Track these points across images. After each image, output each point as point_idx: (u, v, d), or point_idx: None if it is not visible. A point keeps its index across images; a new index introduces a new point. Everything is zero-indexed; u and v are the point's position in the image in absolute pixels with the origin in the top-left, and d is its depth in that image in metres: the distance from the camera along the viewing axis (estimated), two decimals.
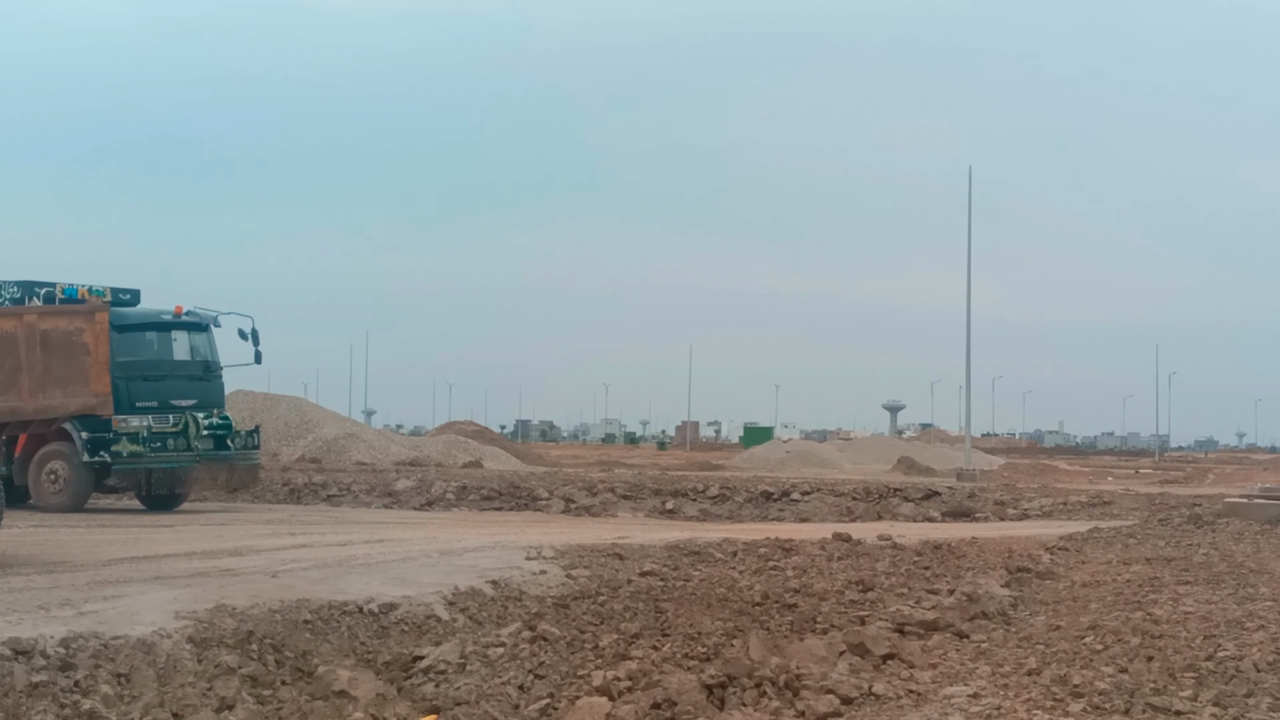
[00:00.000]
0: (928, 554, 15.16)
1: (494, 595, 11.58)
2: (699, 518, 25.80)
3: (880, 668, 9.32)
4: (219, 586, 10.88)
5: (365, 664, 9.71)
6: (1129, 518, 22.48)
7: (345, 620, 10.40)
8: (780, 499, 27.79)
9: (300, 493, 27.68)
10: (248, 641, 9.44)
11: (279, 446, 42.20)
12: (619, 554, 13.71)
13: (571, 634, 10.13)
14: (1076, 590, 12.76)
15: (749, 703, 8.16)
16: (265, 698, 8.70)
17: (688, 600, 11.48)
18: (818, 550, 14.90)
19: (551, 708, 8.55)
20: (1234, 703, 7.72)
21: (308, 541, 15.54)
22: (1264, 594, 11.93)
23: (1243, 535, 17.36)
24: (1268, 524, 18.69)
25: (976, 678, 8.84)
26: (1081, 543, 17.03)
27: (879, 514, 26.16)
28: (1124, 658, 9.04)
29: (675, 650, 9.74)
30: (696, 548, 14.53)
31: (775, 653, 9.47)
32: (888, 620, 10.78)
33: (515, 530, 18.35)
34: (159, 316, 22.79)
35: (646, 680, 8.55)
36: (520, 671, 9.35)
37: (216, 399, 23.22)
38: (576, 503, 27.06)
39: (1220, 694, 7.92)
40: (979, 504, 27.15)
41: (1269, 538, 16.92)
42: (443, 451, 47.46)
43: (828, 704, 7.87)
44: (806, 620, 11.02)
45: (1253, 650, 8.95)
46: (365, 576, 11.93)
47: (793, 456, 61.78)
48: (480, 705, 8.53)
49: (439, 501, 27.02)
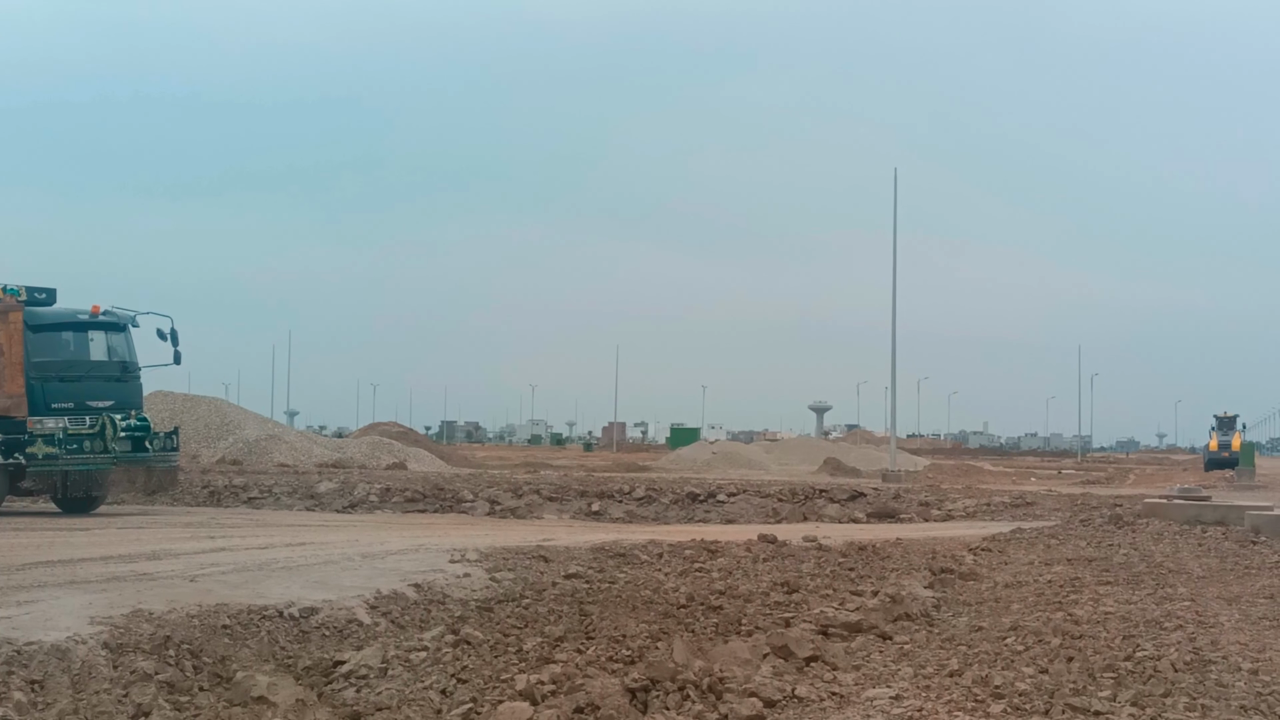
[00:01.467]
0: (852, 555, 15.24)
1: (417, 599, 11.47)
2: (625, 519, 25.79)
3: (804, 670, 9.33)
4: (136, 591, 10.69)
5: (285, 669, 9.57)
6: (1051, 518, 22.76)
7: (265, 625, 10.24)
8: (706, 500, 27.85)
9: (220, 495, 27.37)
10: (165, 647, 9.27)
11: (199, 448, 41.74)
12: (544, 556, 13.65)
13: (495, 637, 10.06)
14: (999, 591, 12.87)
15: (672, 706, 8.12)
16: (183, 704, 8.55)
17: (613, 603, 11.44)
18: (743, 552, 14.93)
19: (474, 712, 8.46)
20: (1151, 702, 7.80)
21: (227, 545, 15.32)
22: (1182, 594, 12.10)
23: (1162, 536, 17.62)
24: (1186, 524, 19.01)
25: (899, 679, 8.86)
26: (1004, 544, 17.20)
27: (804, 515, 26.29)
28: (1044, 658, 9.11)
29: (599, 653, 9.69)
30: (622, 550, 14.50)
31: (700, 655, 9.44)
32: (812, 622, 10.80)
33: (439, 533, 18.23)
34: (75, 316, 22.41)
35: (570, 684, 8.49)
36: (443, 676, 9.26)
37: (134, 400, 22.88)
38: (501, 505, 26.96)
39: (1138, 694, 7.99)
40: (904, 505, 27.37)
41: (1188, 538, 17.20)
42: (366, 453, 47.14)
43: (751, 707, 7.85)
44: (731, 622, 11.01)
45: (1170, 650, 9.06)
46: (286, 580, 11.77)
47: (719, 458, 62.02)
48: (402, 710, 8.43)
49: (362, 504, 26.82)
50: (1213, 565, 14.34)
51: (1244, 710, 7.63)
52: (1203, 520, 19.30)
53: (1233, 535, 17.36)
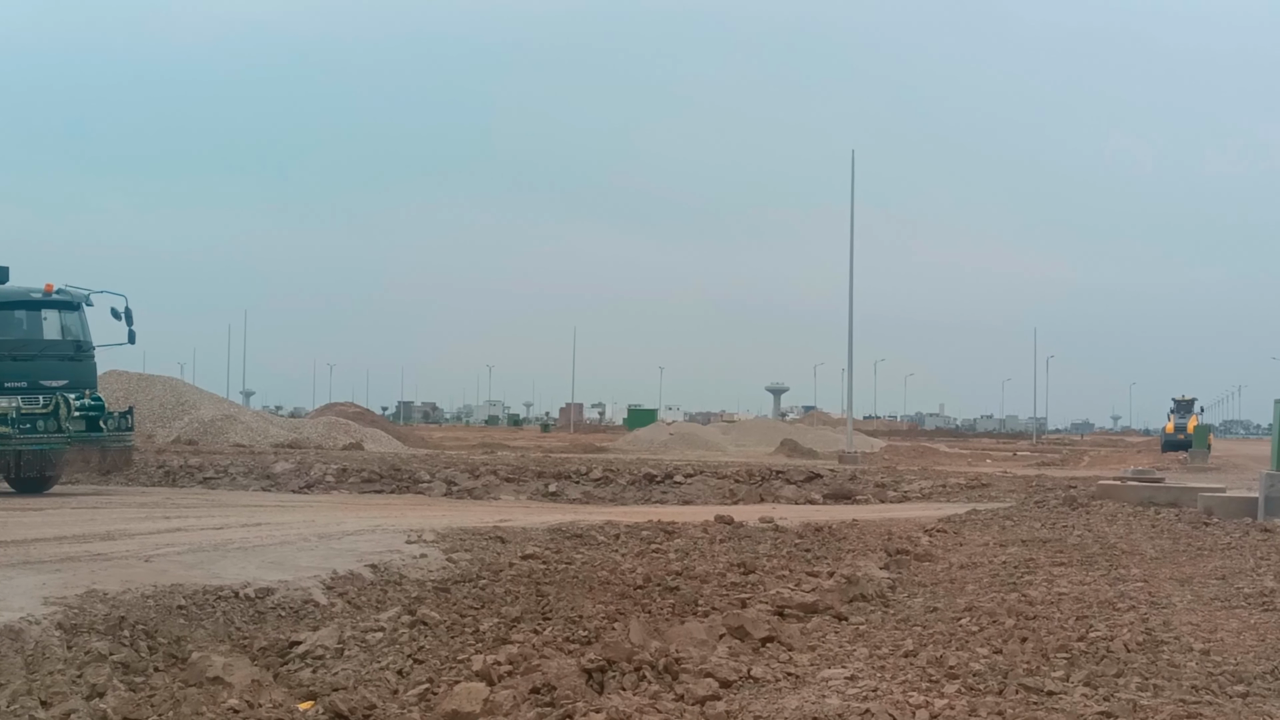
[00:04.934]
0: (809, 536, 15.31)
1: (373, 579, 11.44)
2: (582, 500, 25.82)
3: (759, 650, 9.35)
4: (90, 572, 10.62)
5: (241, 650, 9.52)
6: (1006, 500, 22.94)
7: (220, 605, 10.20)
8: (663, 481, 27.90)
9: (176, 475, 27.21)
10: (119, 628, 9.22)
11: (154, 428, 41.45)
12: (501, 537, 13.65)
13: (452, 618, 10.05)
14: (954, 572, 12.96)
15: (628, 687, 8.13)
16: (137, 685, 8.50)
17: (569, 583, 11.45)
18: (700, 533, 14.97)
19: (431, 692, 8.45)
20: (1104, 682, 7.87)
21: (183, 525, 15.25)
22: (1135, 575, 12.23)
23: (1116, 517, 17.79)
24: (1140, 506, 19.19)
25: (854, 660, 8.91)
26: (959, 525, 17.32)
27: (761, 496, 26.38)
28: (999, 639, 9.18)
29: (556, 634, 9.69)
30: (579, 530, 14.52)
31: (656, 636, 9.45)
32: (768, 603, 10.83)
33: (396, 513, 18.18)
34: (28, 295, 22.20)
35: (526, 664, 8.48)
36: (399, 656, 9.24)
37: (89, 379, 22.69)
38: (459, 485, 26.91)
39: (1091, 674, 8.07)
40: (860, 486, 27.51)
41: (1141, 520, 17.36)
42: (323, 433, 46.90)
43: (706, 687, 7.86)
44: (688, 603, 11.04)
45: (1123, 631, 9.15)
46: (241, 561, 11.72)
47: (676, 439, 62.10)
48: (358, 691, 8.40)
49: (318, 484, 26.72)
50: (1166, 546, 14.50)
51: (1196, 690, 7.71)
52: (1156, 502, 19.49)
53: (1186, 517, 17.54)
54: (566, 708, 7.48)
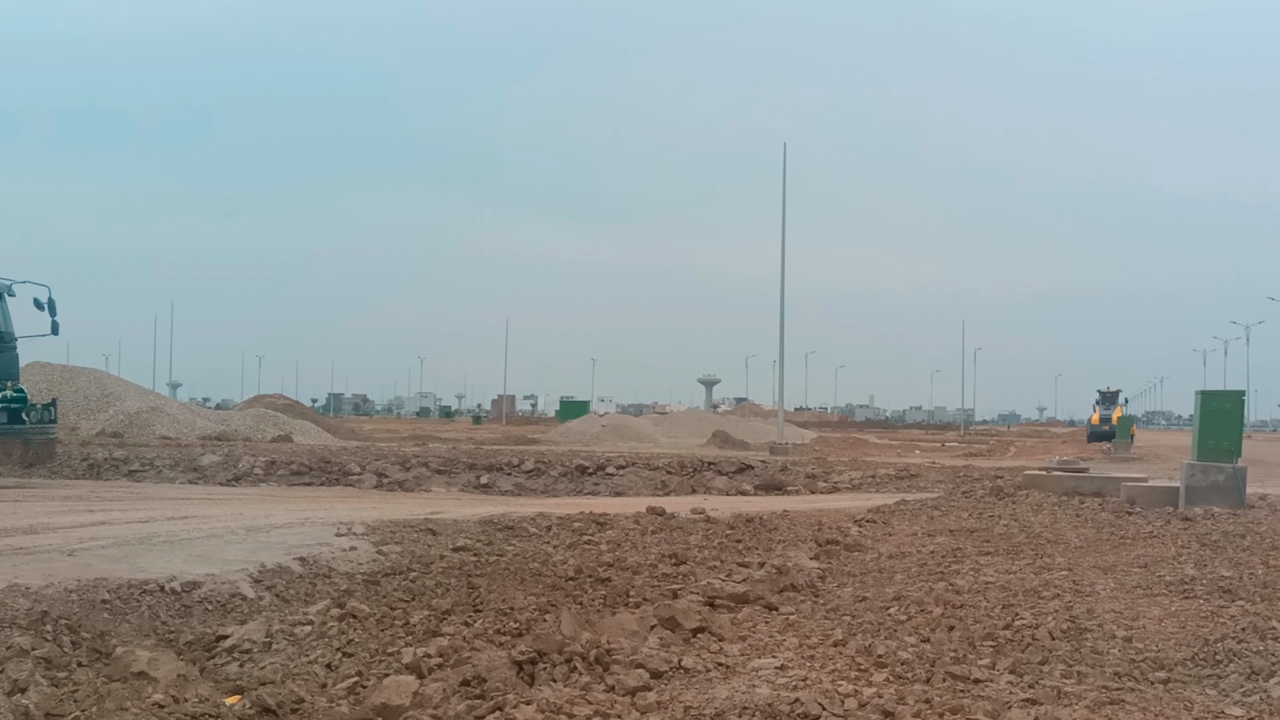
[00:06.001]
0: (740, 527, 15.37)
1: (302, 572, 11.34)
2: (514, 492, 25.75)
3: (690, 641, 9.38)
4: (11, 565, 10.44)
5: (166, 644, 9.40)
6: (935, 490, 23.17)
7: (146, 599, 10.06)
8: (595, 473, 27.91)
9: (100, 468, 26.84)
10: (42, 622, 9.06)
11: (78, 420, 40.86)
12: (432, 529, 13.57)
13: (382, 611, 9.98)
14: (883, 562, 13.06)
15: (559, 678, 8.12)
16: (60, 680, 8.36)
17: (501, 575, 11.42)
18: (632, 524, 14.98)
19: (360, 685, 8.39)
20: (1029, 670, 7.97)
21: (107, 519, 15.03)
22: (1060, 564, 12.39)
23: (1041, 506, 18.02)
24: (1065, 496, 19.47)
25: (784, 649, 8.96)
26: (889, 515, 17.47)
27: (693, 488, 26.45)
28: (926, 627, 9.27)
29: (487, 626, 9.66)
30: (511, 522, 14.48)
31: (588, 628, 9.46)
32: (699, 594, 10.87)
33: (325, 506, 18.04)
34: None
35: (457, 657, 8.46)
36: (328, 650, 9.17)
37: (10, 371, 22.33)
38: (389, 478, 26.77)
39: (1016, 661, 8.17)
40: (791, 477, 27.66)
41: (1066, 509, 17.60)
42: (251, 426, 46.46)
43: (637, 678, 7.88)
44: (619, 594, 11.05)
45: (1048, 619, 9.27)
46: (167, 554, 11.57)
47: (608, 431, 62.13)
48: (286, 685, 8.32)
49: (246, 477, 26.46)
50: (1090, 535, 14.69)
51: (1118, 677, 7.83)
52: (1080, 491, 19.77)
53: (1109, 506, 17.80)
54: (497, 699, 7.46)
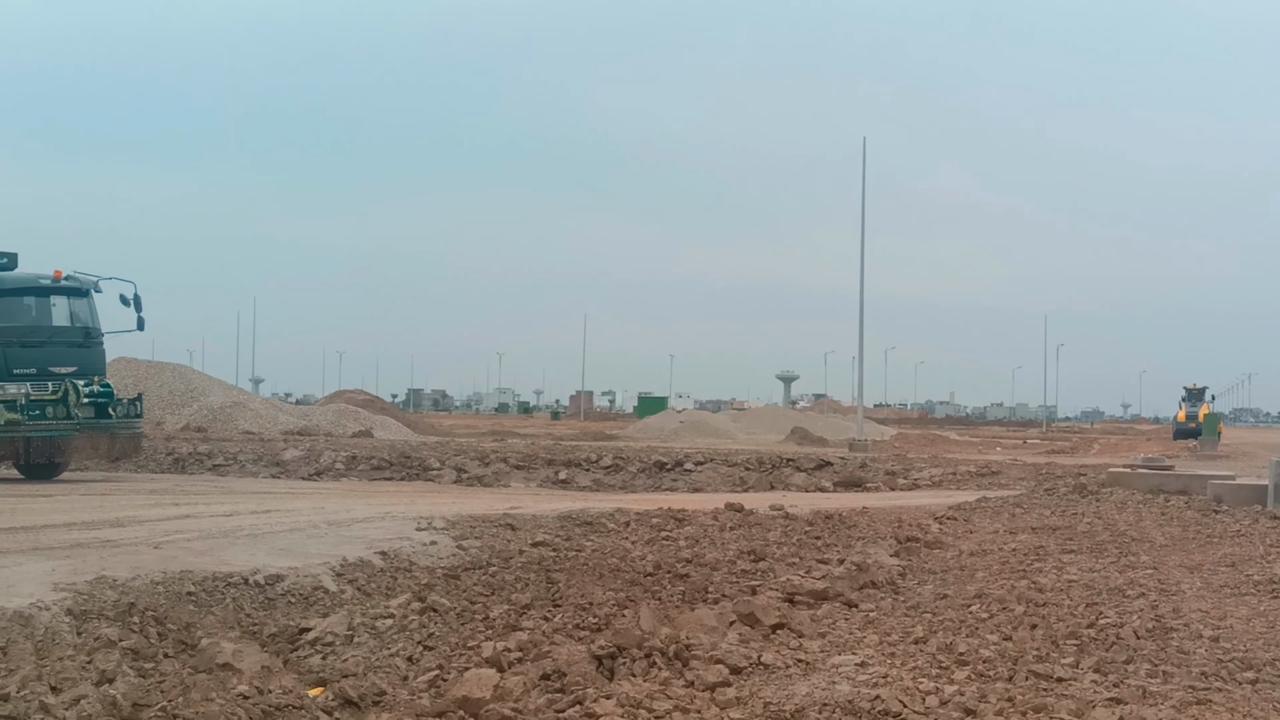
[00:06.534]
0: (819, 524, 15.29)
1: (383, 566, 11.44)
2: (592, 488, 25.81)
3: (770, 637, 9.35)
4: (99, 558, 10.63)
5: (250, 636, 9.53)
6: (1016, 487, 22.92)
7: (230, 592, 10.20)
8: (674, 469, 27.89)
9: (185, 462, 27.25)
10: (129, 614, 9.22)
11: (163, 415, 41.47)
12: (511, 524, 13.63)
13: (462, 605, 10.05)
14: (964, 559, 12.95)
15: (638, 673, 8.13)
16: (147, 671, 8.49)
17: (579, 571, 11.45)
18: (710, 520, 14.96)
19: (441, 679, 8.45)
20: (1114, 669, 7.86)
21: (192, 512, 15.25)
22: (1144, 562, 12.21)
23: (1125, 504, 17.77)
24: (1150, 494, 19.17)
25: (864, 647, 8.91)
26: (969, 512, 17.30)
27: (771, 484, 26.37)
28: (1008, 625, 9.17)
29: (566, 621, 9.69)
30: (589, 518, 14.50)
31: (666, 623, 9.45)
32: (778, 590, 10.83)
33: (405, 500, 18.19)
34: (37, 281, 22.21)
35: (537, 651, 8.49)
36: (409, 643, 9.24)
37: (97, 366, 22.71)
38: (468, 473, 26.93)
39: (1100, 660, 8.06)
40: (870, 474, 27.49)
41: (1151, 507, 17.34)
42: (332, 421, 46.93)
43: (717, 674, 7.86)
44: (698, 590, 11.03)
45: (1133, 618, 9.14)
46: (251, 547, 11.72)
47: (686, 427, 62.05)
48: (368, 677, 8.41)
49: (328, 471, 26.74)
50: (1175, 534, 14.47)
51: (1205, 677, 7.70)
52: (1165, 489, 19.46)
53: (1195, 504, 17.51)
54: (577, 694, 7.48)
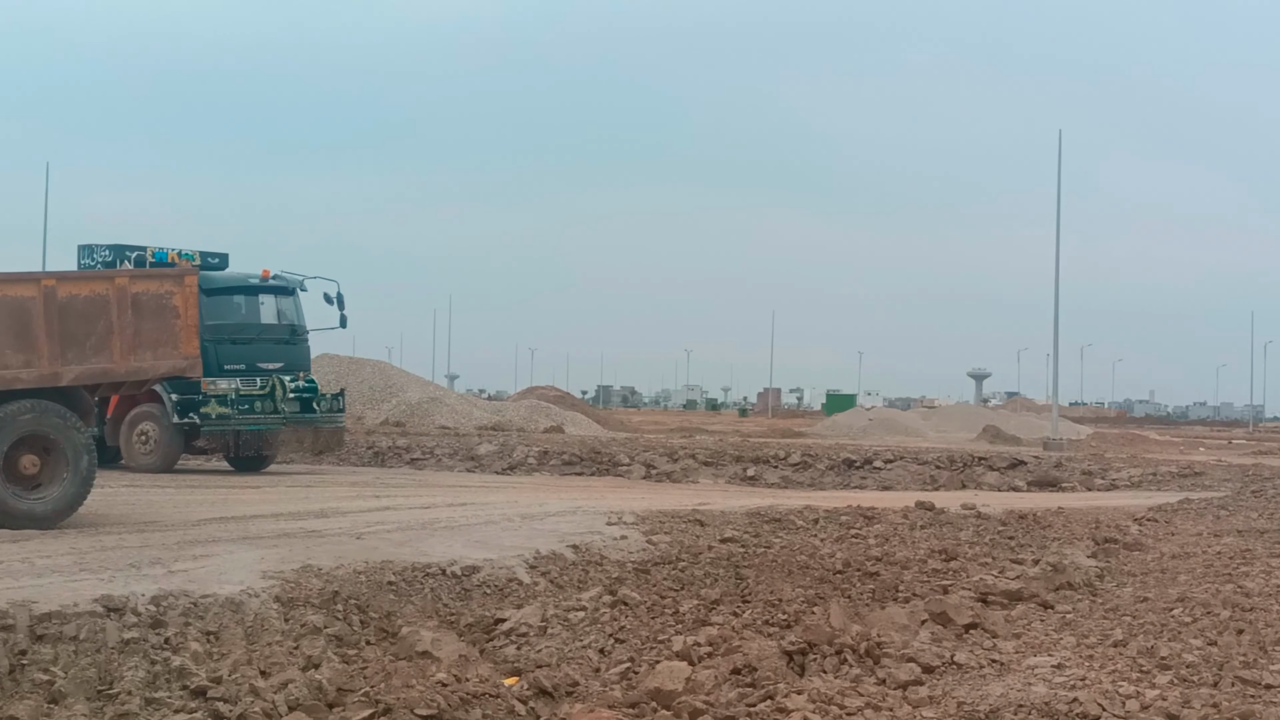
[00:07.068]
0: (1012, 524, 15.00)
1: (575, 559, 11.62)
2: (780, 485, 25.73)
3: (963, 637, 9.23)
4: (305, 547, 11.02)
5: (448, 626, 9.78)
6: (1221, 489, 22.11)
7: (428, 582, 10.49)
8: (862, 467, 27.63)
9: (384, 456, 27.95)
10: (333, 602, 9.56)
11: (363, 410, 42.54)
12: (699, 520, 13.69)
13: (652, 599, 10.14)
14: (1165, 562, 12.56)
15: (829, 670, 8.11)
16: (350, 657, 8.79)
17: (768, 567, 11.45)
18: (900, 519, 14.80)
19: (632, 671, 8.56)
20: None
21: (391, 504, 15.68)
22: None
23: None
24: None
25: (1061, 648, 8.73)
26: (1171, 514, 16.76)
27: (963, 483, 25.93)
28: (1213, 630, 8.88)
29: (755, 617, 9.71)
30: (777, 515, 14.48)
31: (856, 621, 9.41)
32: (971, 589, 10.68)
33: (596, 495, 18.40)
34: (246, 280, 23.05)
35: (727, 646, 8.53)
36: (601, 635, 9.37)
37: (302, 362, 23.46)
38: (657, 469, 27.08)
39: None
40: (1066, 474, 26.83)
41: None
42: (524, 416, 47.60)
43: (909, 672, 7.81)
44: (888, 589, 10.94)
45: None
46: (448, 539, 12.02)
47: (875, 424, 61.27)
48: (561, 668, 8.56)
49: (520, 466, 27.17)
50: None
51: None
52: None
53: None
54: (768, 689, 7.50)
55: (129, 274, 13.91)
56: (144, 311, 12.90)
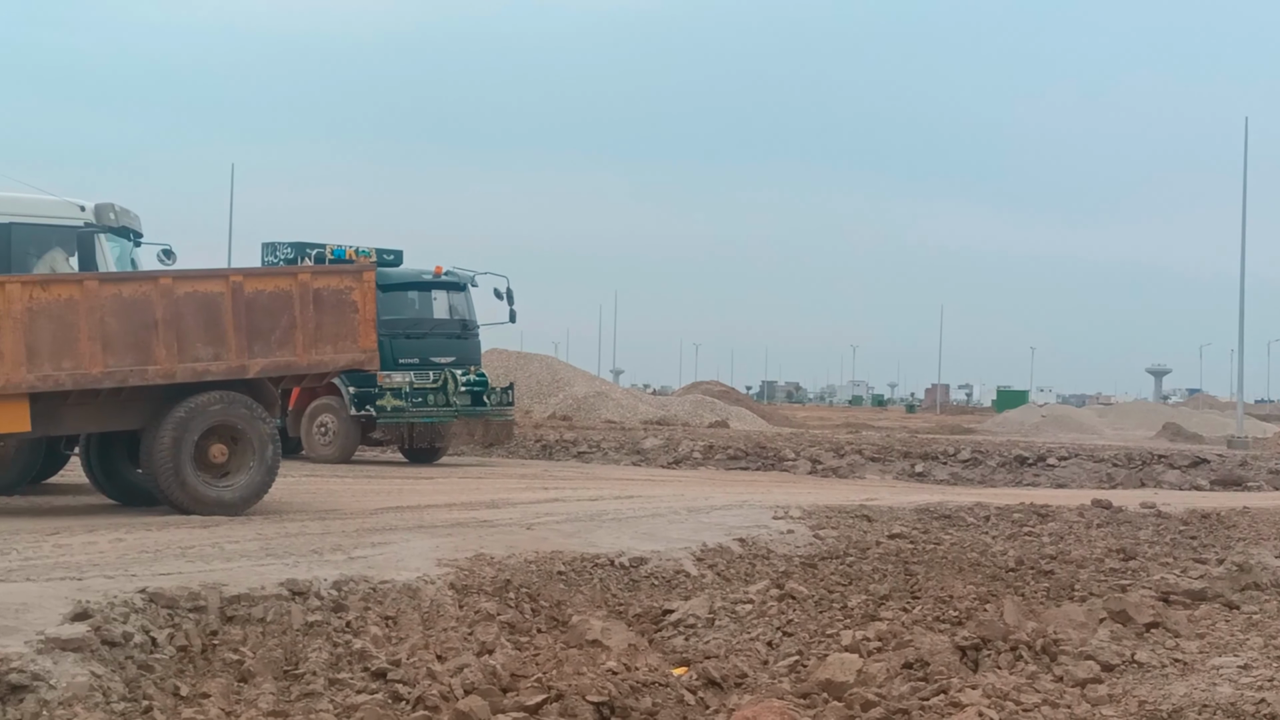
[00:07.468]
0: (1195, 523, 14.56)
1: (741, 553, 11.64)
2: (949, 481, 25.38)
3: (1143, 636, 9.00)
4: (478, 536, 11.23)
5: (616, 615, 9.88)
6: None
7: (597, 573, 10.62)
8: (1035, 464, 27.07)
9: (552, 449, 28.28)
10: (505, 590, 9.73)
11: (531, 404, 43.12)
12: (867, 515, 13.59)
13: (819, 593, 10.10)
14: None
15: (1004, 666, 7.99)
16: (522, 644, 8.93)
17: (938, 564, 11.32)
18: (1075, 517, 14.49)
19: (800, 664, 8.54)
20: None
21: (560, 496, 15.87)
22: None
23: None
24: None
25: (1247, 649, 8.46)
26: None
27: (1141, 481, 25.24)
28: None
29: (925, 613, 9.61)
30: (947, 511, 14.29)
31: (1031, 618, 9.25)
32: (1151, 589, 10.41)
33: (762, 490, 18.38)
34: (420, 276, 23.59)
35: (897, 641, 8.47)
36: (768, 628, 9.37)
37: (474, 356, 23.91)
38: (823, 464, 26.92)
39: None
40: (1252, 473, 25.93)
41: None
42: (689, 411, 47.71)
43: (1087, 670, 7.64)
44: (1063, 587, 10.74)
45: None
46: (615, 531, 12.13)
47: (1048, 421, 59.95)
48: (729, 660, 8.58)
49: (686, 460, 27.25)
50: None
51: None
52: None
53: None
54: (941, 683, 7.42)
55: (311, 270, 14.34)
56: (325, 307, 13.28)
